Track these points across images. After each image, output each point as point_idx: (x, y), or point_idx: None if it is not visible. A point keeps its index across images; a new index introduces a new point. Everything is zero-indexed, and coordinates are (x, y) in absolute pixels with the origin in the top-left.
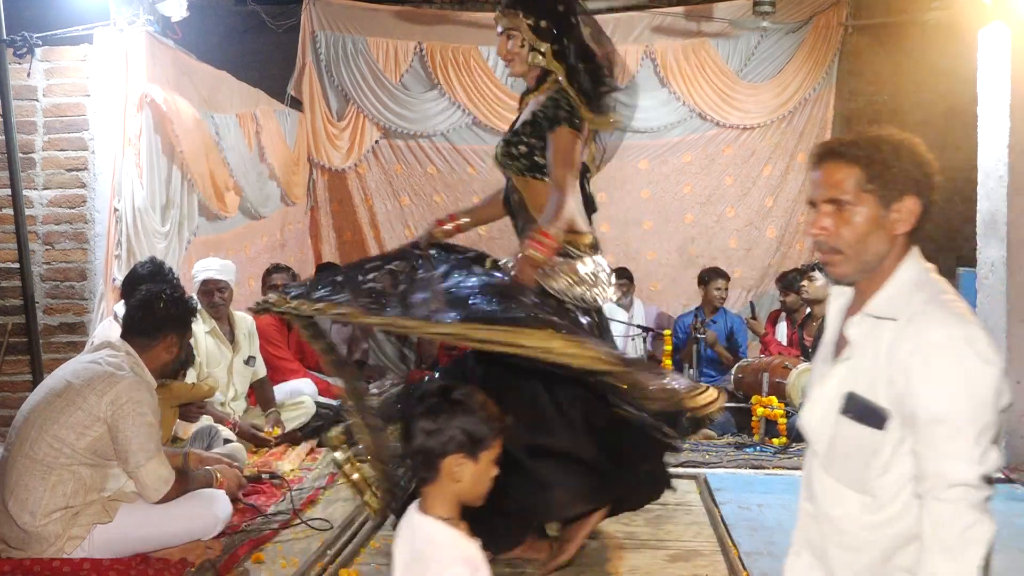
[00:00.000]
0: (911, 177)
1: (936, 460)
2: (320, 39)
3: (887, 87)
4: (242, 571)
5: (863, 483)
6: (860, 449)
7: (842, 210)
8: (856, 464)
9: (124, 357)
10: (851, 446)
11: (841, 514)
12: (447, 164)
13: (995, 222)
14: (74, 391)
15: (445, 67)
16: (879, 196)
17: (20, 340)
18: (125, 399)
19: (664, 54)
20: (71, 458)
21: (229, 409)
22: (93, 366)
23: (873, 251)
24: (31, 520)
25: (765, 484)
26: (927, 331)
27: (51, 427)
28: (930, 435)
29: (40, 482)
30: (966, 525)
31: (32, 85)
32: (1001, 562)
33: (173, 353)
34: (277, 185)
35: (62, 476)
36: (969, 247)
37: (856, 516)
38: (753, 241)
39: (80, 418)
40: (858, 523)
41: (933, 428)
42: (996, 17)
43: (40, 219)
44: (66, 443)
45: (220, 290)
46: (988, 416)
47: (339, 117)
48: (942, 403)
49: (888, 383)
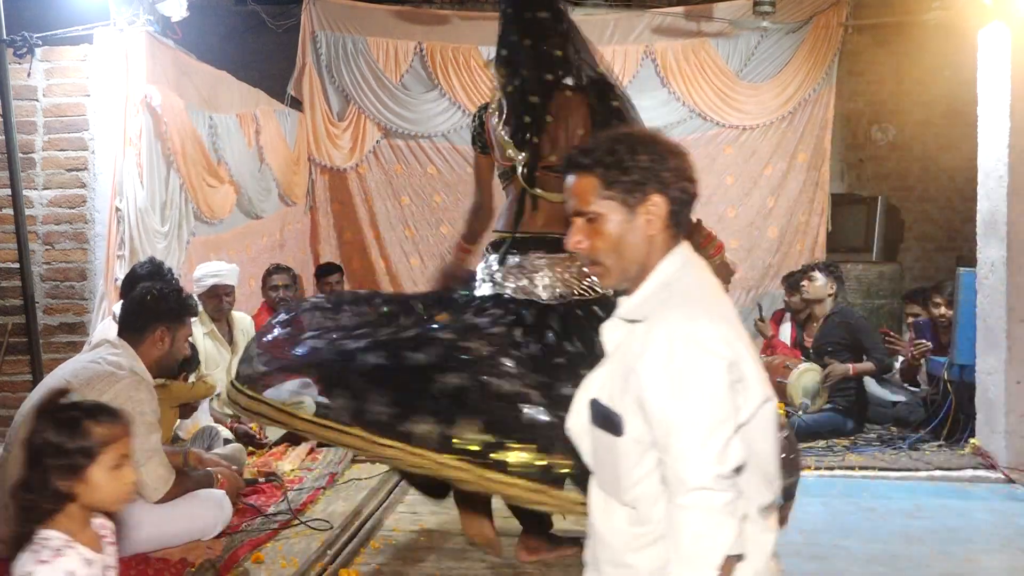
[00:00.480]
0: (651, 173)
1: (672, 463)
2: (320, 39)
3: (887, 87)
4: (242, 571)
5: (620, 494)
6: (610, 457)
7: (592, 221)
8: (611, 473)
9: (123, 354)
10: (603, 454)
11: (608, 528)
12: (447, 164)
13: (995, 222)
14: (73, 391)
15: (445, 67)
16: (621, 200)
17: (20, 340)
18: (124, 398)
19: (664, 54)
20: None
21: (228, 410)
22: (93, 365)
23: (630, 257)
24: None
25: None
26: (654, 331)
27: None
28: (664, 437)
29: None
30: (699, 532)
31: (32, 85)
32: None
33: (164, 348)
34: (277, 185)
35: None
36: (969, 247)
37: (622, 530)
38: (754, 241)
39: None
40: (624, 537)
41: (664, 430)
42: (996, 17)
43: (40, 219)
44: None
45: (227, 294)
46: (718, 412)
47: (340, 117)
48: (668, 403)
49: (624, 387)
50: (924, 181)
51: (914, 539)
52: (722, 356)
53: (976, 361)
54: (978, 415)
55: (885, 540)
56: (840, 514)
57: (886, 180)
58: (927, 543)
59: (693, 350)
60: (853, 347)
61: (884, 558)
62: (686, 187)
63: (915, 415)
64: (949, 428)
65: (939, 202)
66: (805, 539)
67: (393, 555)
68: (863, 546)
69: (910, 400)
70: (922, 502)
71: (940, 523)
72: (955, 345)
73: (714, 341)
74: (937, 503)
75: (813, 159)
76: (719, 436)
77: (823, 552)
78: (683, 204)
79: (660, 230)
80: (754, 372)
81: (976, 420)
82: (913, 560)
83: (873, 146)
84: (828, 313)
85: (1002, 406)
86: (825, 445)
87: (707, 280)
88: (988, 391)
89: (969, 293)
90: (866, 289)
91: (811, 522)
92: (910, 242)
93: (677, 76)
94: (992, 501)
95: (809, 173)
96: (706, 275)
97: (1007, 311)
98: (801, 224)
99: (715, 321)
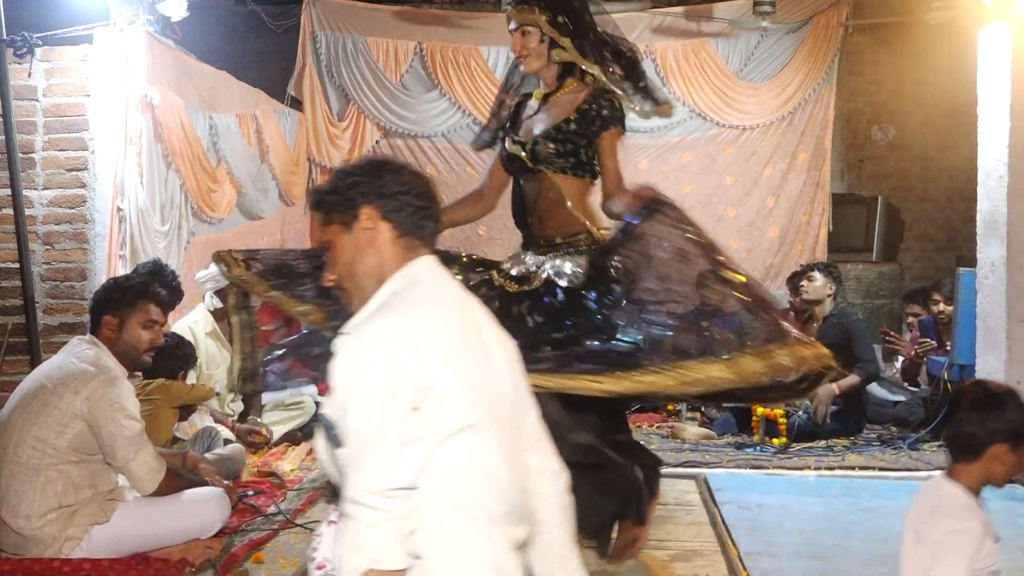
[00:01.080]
0: (359, 189)
1: (348, 473)
2: (320, 39)
3: (887, 87)
4: (242, 571)
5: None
6: (339, 469)
7: (329, 251)
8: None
9: (92, 350)
10: (338, 467)
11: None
12: (447, 164)
13: (995, 222)
14: (48, 391)
15: (445, 67)
16: (339, 222)
17: (20, 340)
18: (100, 395)
19: (664, 54)
20: (55, 457)
21: (228, 410)
22: (67, 365)
23: (363, 274)
24: (27, 524)
25: (765, 484)
26: (344, 343)
27: (31, 429)
28: (344, 448)
29: (28, 486)
30: (349, 543)
31: (32, 85)
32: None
33: (116, 336)
34: (277, 185)
35: (50, 476)
36: (969, 247)
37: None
38: (754, 241)
39: (57, 417)
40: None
41: (345, 440)
42: (996, 17)
43: (40, 219)
44: (47, 443)
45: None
46: (382, 421)
47: (340, 117)
48: (337, 411)
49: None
50: (924, 181)
51: None
52: (392, 363)
53: (976, 361)
54: None
55: (885, 540)
56: (840, 514)
57: (886, 180)
58: None
59: (364, 366)
60: (847, 350)
61: (885, 558)
62: (406, 199)
63: (915, 415)
64: None
65: (939, 202)
66: (805, 539)
67: None
68: (863, 546)
69: (910, 400)
70: None
71: None
72: (955, 345)
73: (391, 357)
74: None
75: (813, 159)
76: (382, 450)
77: (823, 552)
78: (406, 214)
79: (388, 242)
80: (458, 392)
81: None
82: None
83: (873, 146)
84: (827, 314)
85: None
86: (825, 445)
87: (443, 292)
88: None
89: (969, 293)
90: (866, 289)
91: (811, 522)
92: (910, 242)
93: (677, 76)
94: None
95: (809, 173)
96: (446, 287)
97: (1007, 311)
98: (801, 224)
99: (405, 336)
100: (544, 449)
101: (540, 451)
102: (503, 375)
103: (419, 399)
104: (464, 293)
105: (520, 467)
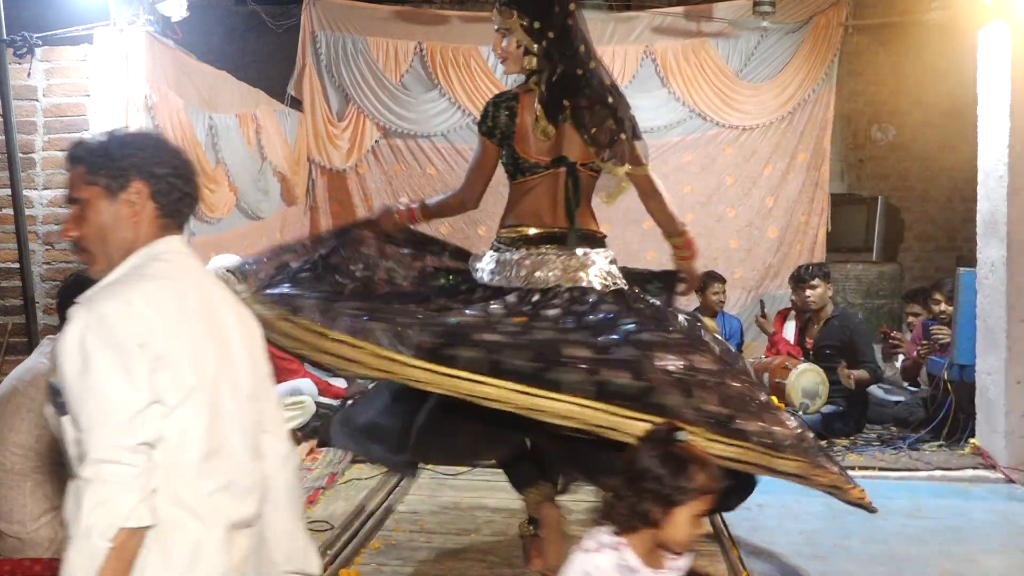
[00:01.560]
0: (135, 162)
1: (83, 438)
2: (320, 39)
3: (887, 87)
4: None
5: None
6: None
7: (80, 208)
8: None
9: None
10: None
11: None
12: (447, 164)
13: (995, 222)
14: (20, 394)
15: (445, 67)
16: (104, 187)
17: (20, 340)
18: None
19: (664, 54)
20: (39, 461)
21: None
22: (36, 366)
23: (114, 243)
24: (22, 529)
25: (765, 484)
26: (75, 310)
27: (9, 435)
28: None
29: (17, 492)
30: (95, 503)
31: (32, 85)
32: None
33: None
34: (277, 185)
35: (37, 480)
36: (969, 247)
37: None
38: (754, 241)
39: (33, 420)
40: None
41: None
42: (996, 17)
43: (40, 219)
44: (28, 448)
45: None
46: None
47: (339, 117)
48: (75, 379)
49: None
50: (924, 181)
51: (914, 539)
52: (129, 335)
53: (976, 361)
54: (978, 415)
55: (885, 540)
56: (840, 514)
57: (886, 180)
58: (927, 543)
59: (95, 329)
60: (850, 351)
61: (885, 558)
62: (176, 183)
63: (915, 415)
64: (949, 428)
65: (939, 202)
66: (805, 539)
67: (393, 555)
68: (864, 546)
69: (910, 400)
70: (922, 502)
71: (940, 523)
72: (955, 345)
73: (122, 321)
74: (937, 503)
75: (813, 159)
76: (122, 411)
77: (824, 552)
78: (173, 198)
79: (148, 220)
80: (182, 365)
81: (976, 420)
82: (913, 560)
83: (873, 146)
84: (829, 316)
85: (1002, 406)
86: (825, 445)
87: (179, 271)
88: (988, 391)
89: (969, 293)
90: (866, 289)
91: (811, 522)
92: (910, 242)
93: (677, 76)
94: (992, 501)
95: (809, 173)
96: (185, 267)
97: (1007, 311)
98: (801, 224)
99: (138, 303)
100: (279, 433)
101: (275, 434)
102: (239, 357)
103: (151, 367)
104: (208, 277)
105: (253, 446)
